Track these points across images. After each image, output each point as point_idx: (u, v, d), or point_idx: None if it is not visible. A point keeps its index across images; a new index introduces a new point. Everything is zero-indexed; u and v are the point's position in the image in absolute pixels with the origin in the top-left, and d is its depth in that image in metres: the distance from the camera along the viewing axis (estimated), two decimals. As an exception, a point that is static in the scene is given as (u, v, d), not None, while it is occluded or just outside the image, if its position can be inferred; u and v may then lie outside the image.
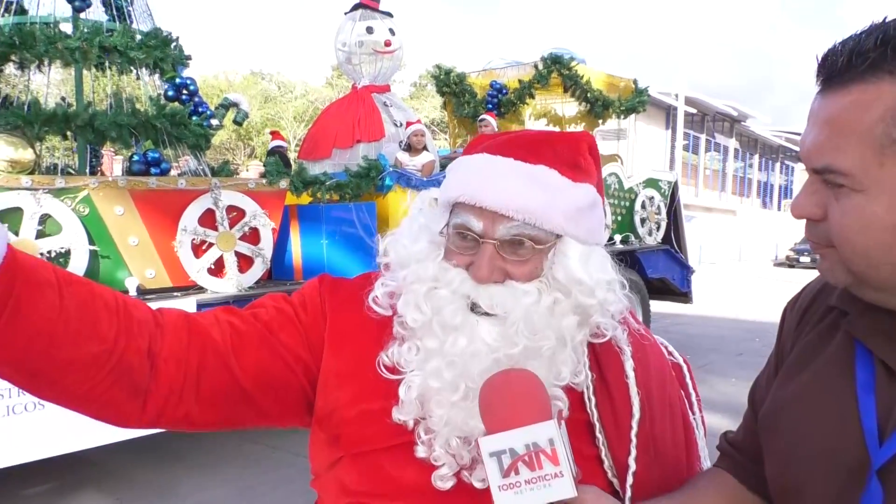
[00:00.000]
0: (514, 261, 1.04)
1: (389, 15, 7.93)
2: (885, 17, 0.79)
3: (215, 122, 5.34)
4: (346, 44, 7.72)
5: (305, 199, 5.73)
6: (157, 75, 5.18)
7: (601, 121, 8.99)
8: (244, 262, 5.00)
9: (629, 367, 1.11)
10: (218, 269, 4.88)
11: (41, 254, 4.07)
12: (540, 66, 8.61)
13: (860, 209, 0.78)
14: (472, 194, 1.04)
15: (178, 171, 5.36)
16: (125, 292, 4.33)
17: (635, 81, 9.08)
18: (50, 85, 5.10)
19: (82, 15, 4.98)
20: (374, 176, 5.89)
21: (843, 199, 0.80)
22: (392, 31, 7.71)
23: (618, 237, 7.83)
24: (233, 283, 4.87)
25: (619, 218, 7.96)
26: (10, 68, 4.81)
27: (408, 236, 1.13)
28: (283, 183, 5.29)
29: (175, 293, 4.66)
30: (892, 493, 0.79)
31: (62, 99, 5.95)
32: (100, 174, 5.52)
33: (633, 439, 1.06)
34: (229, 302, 4.62)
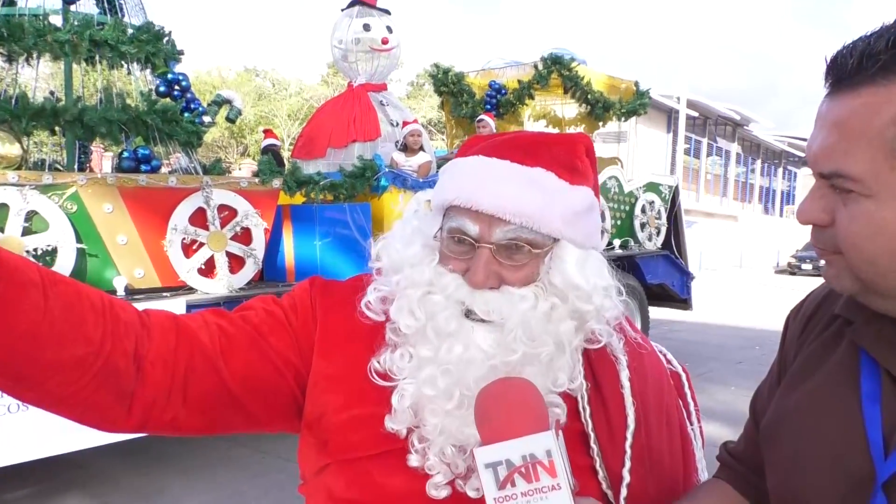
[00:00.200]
0: (511, 266, 1.03)
1: (387, 12, 7.93)
2: None
3: (207, 118, 5.33)
4: (342, 41, 7.72)
5: (299, 198, 5.72)
6: (148, 70, 5.16)
7: (601, 123, 9.00)
8: (235, 263, 4.99)
9: (624, 376, 1.10)
10: (208, 269, 4.86)
11: (27, 252, 4.06)
12: (540, 67, 8.62)
13: (869, 215, 0.78)
14: (467, 197, 1.03)
15: (168, 169, 5.35)
16: (113, 292, 4.31)
17: (636, 83, 9.10)
18: (38, 79, 5.09)
19: (72, 7, 4.97)
20: (370, 176, 5.89)
21: (851, 205, 0.80)
22: (389, 29, 7.71)
23: (617, 242, 7.84)
24: (223, 284, 4.86)
25: (619, 222, 7.96)
26: (-3, 61, 4.80)
27: (401, 240, 1.12)
28: (276, 182, 5.28)
29: (164, 293, 4.64)
30: None
31: (51, 93, 5.94)
32: (88, 171, 5.51)
33: (628, 450, 1.06)
34: (220, 304, 4.60)
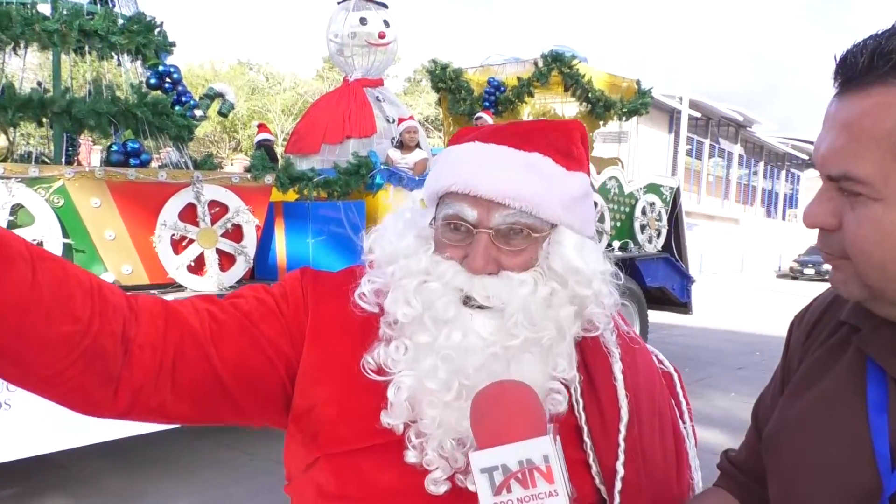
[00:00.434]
0: (509, 251, 1.04)
1: (384, 6, 7.91)
2: None
3: (199, 112, 5.31)
4: (338, 35, 7.70)
5: (292, 195, 5.71)
6: (139, 62, 5.15)
7: (602, 122, 9.00)
8: (226, 260, 4.98)
9: (617, 369, 1.11)
10: (198, 266, 4.85)
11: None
12: (540, 64, 8.61)
13: (878, 219, 0.77)
14: (465, 182, 1.04)
15: (158, 163, 5.34)
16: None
17: (638, 82, 9.09)
18: (26, 69, 5.07)
19: (62, -4, 4.96)
20: (364, 173, 5.87)
21: (859, 208, 0.79)
22: (387, 23, 7.69)
23: (616, 243, 7.84)
24: (213, 282, 4.85)
25: (619, 224, 7.96)
26: (-16, 50, 4.77)
27: (394, 232, 1.13)
28: (269, 178, 5.27)
29: (152, 291, 4.62)
30: None
31: (38, 84, 5.92)
32: (76, 164, 5.49)
33: (622, 443, 1.06)
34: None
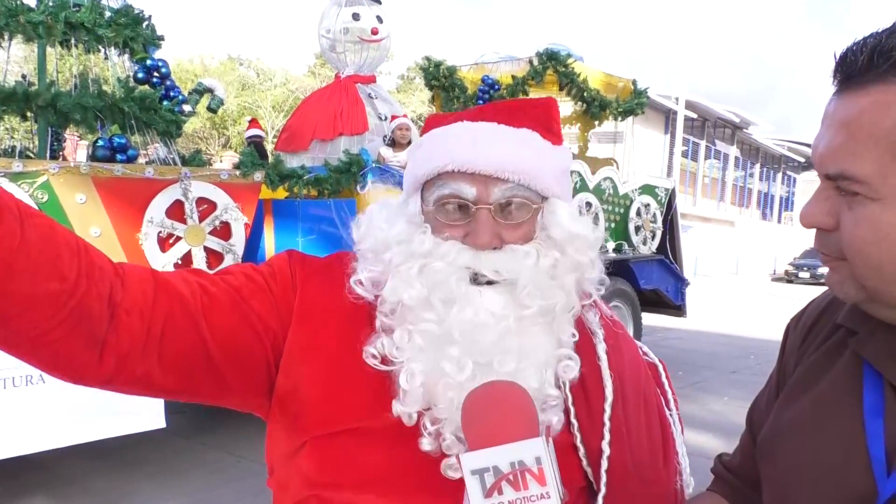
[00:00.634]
0: (509, 224, 1.07)
1: (378, 1, 7.90)
2: None
3: (188, 108, 5.29)
4: (330, 30, 7.68)
5: (281, 193, 5.69)
6: (126, 56, 5.12)
7: (597, 122, 9.00)
8: (214, 259, 4.95)
9: (601, 349, 1.13)
10: (185, 264, 4.82)
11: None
12: (535, 62, 8.61)
13: (875, 219, 0.77)
14: (463, 160, 1.05)
15: (145, 159, 5.31)
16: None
17: (634, 82, 9.10)
18: (10, 61, 5.03)
19: (48, -13, 4.92)
20: (356, 171, 5.86)
21: (856, 208, 0.79)
22: (380, 19, 7.68)
23: (611, 245, 7.84)
24: (201, 280, 4.81)
25: (613, 225, 7.97)
26: (-33, 42, 4.74)
27: (383, 220, 1.13)
28: (259, 175, 5.25)
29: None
30: None
31: (23, 77, 5.87)
32: (61, 159, 5.45)
33: (607, 422, 1.08)
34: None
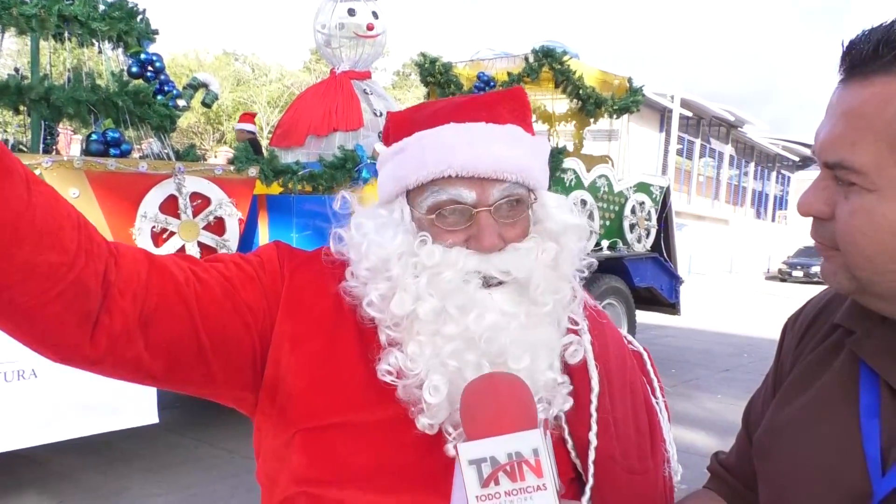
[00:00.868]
0: (508, 223, 1.07)
1: (373, -3, 7.88)
2: None
3: (182, 102, 5.26)
4: (325, 26, 7.66)
5: (276, 188, 5.68)
6: (120, 49, 5.09)
7: (593, 119, 9.00)
8: (207, 254, 4.92)
9: (586, 340, 1.13)
10: (179, 259, 4.80)
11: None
12: (530, 59, 8.59)
13: (869, 210, 0.77)
14: (462, 164, 1.04)
15: (139, 154, 5.28)
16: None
17: (630, 80, 9.10)
18: (3, 55, 5.00)
19: (42, -20, 4.89)
20: (351, 167, 5.84)
21: (852, 198, 0.79)
22: (375, 15, 7.66)
23: (605, 242, 7.85)
24: (194, 276, 4.80)
25: (608, 223, 7.98)
26: (-40, 35, 4.71)
27: (378, 234, 1.10)
28: (253, 171, 5.23)
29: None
30: None
31: (16, 70, 5.84)
32: (55, 153, 5.42)
33: (594, 413, 1.08)
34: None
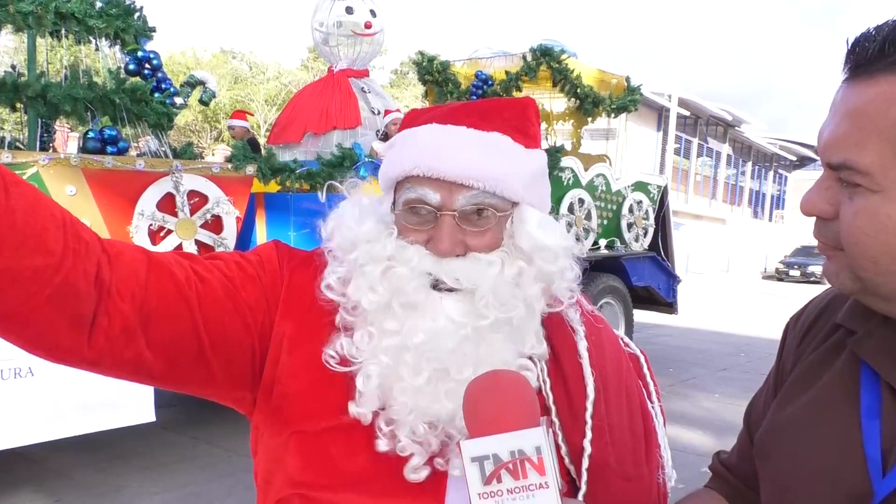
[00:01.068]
0: (474, 232, 1.06)
1: (371, -5, 7.86)
2: None
3: (179, 100, 5.26)
4: (323, 24, 7.65)
5: (274, 186, 5.67)
6: (117, 47, 5.08)
7: (590, 118, 9.00)
8: (204, 252, 4.90)
9: (583, 346, 1.12)
10: (176, 258, 4.79)
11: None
12: (528, 58, 8.59)
13: (874, 211, 0.77)
14: (428, 165, 1.04)
15: (136, 152, 5.27)
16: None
17: (628, 79, 9.10)
18: (0, 52, 4.97)
19: (38, -23, 4.87)
20: (348, 166, 5.84)
21: (857, 199, 0.78)
22: (373, 13, 7.65)
23: (603, 242, 7.86)
24: (191, 274, 4.79)
25: (605, 222, 7.98)
26: (-44, 32, 4.69)
27: (352, 218, 1.12)
28: (250, 169, 5.22)
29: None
30: None
31: (12, 67, 5.82)
32: (51, 151, 5.40)
33: (589, 421, 1.07)
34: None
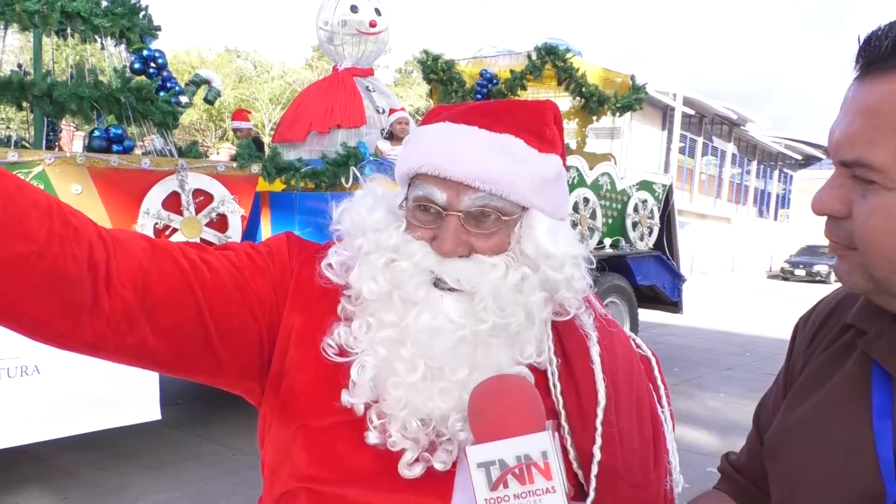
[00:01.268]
0: (480, 234, 1.05)
1: (376, -6, 7.86)
2: None
3: (184, 99, 5.26)
4: (328, 22, 7.65)
5: (278, 185, 5.67)
6: (122, 46, 5.09)
7: (595, 117, 8.99)
8: (211, 251, 4.93)
9: (595, 352, 1.11)
10: (181, 256, 4.80)
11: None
12: (533, 57, 8.59)
13: (889, 209, 0.76)
14: (435, 164, 1.04)
15: (142, 150, 5.28)
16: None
17: (633, 78, 9.08)
18: (6, 51, 4.99)
19: (44, -24, 4.88)
20: (353, 164, 5.84)
21: (871, 197, 0.78)
22: (378, 12, 7.66)
23: (608, 241, 7.84)
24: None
25: (610, 221, 7.96)
26: (-38, 31, 4.70)
27: (363, 205, 1.12)
28: (255, 168, 5.23)
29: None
30: None
31: (18, 66, 5.83)
32: (57, 149, 5.41)
33: (599, 427, 1.06)
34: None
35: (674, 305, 9.00)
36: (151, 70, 5.07)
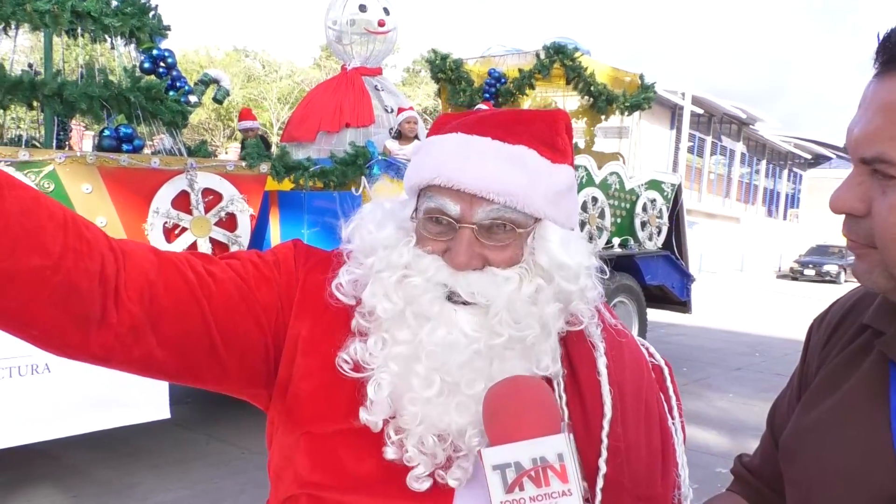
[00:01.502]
0: (493, 246, 1.04)
1: (384, -7, 7.86)
2: None
3: (194, 98, 5.28)
4: (336, 22, 7.65)
5: (287, 185, 5.68)
6: (132, 45, 5.11)
7: (604, 117, 8.96)
8: (219, 250, 4.94)
9: (602, 363, 1.10)
10: (190, 255, 4.81)
11: None
12: (542, 56, 8.57)
13: None
14: (448, 176, 1.03)
15: (151, 150, 5.30)
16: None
17: (641, 77, 9.05)
18: (16, 50, 5.02)
19: (55, -24, 4.90)
20: (362, 164, 5.84)
21: (891, 194, 0.77)
22: (387, 11, 7.65)
23: (616, 240, 7.82)
24: (206, 272, 4.81)
25: (619, 220, 7.94)
26: (-26, 31, 4.73)
27: (373, 222, 1.11)
28: (264, 167, 5.24)
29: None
30: None
31: (29, 66, 5.86)
32: (67, 148, 5.44)
33: (605, 440, 1.05)
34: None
35: (682, 305, 8.98)
36: (161, 70, 5.08)
